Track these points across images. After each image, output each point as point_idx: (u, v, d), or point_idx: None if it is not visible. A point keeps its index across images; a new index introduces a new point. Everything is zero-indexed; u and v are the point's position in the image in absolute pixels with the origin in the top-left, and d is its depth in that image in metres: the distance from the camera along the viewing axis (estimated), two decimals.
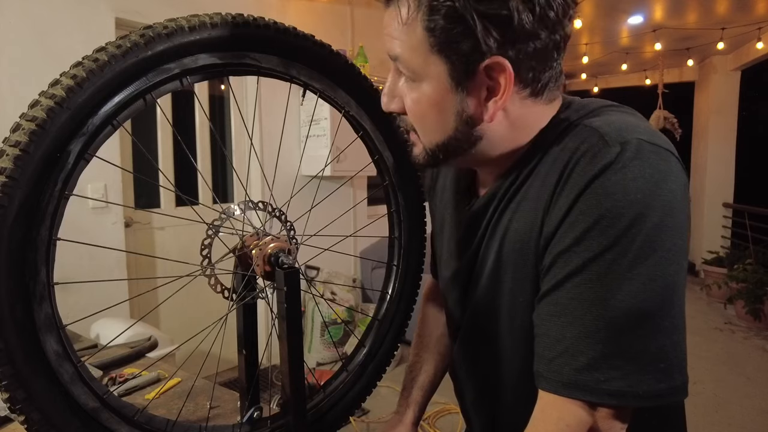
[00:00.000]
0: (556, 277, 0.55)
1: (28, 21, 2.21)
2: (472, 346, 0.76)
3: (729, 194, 5.54)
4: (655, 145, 0.53)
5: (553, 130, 0.60)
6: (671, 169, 0.52)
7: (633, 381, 0.51)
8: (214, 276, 0.68)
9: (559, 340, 0.54)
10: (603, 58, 5.22)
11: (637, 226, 0.50)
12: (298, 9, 3.35)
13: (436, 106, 0.59)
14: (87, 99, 0.52)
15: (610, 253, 0.50)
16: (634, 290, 0.50)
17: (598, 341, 0.51)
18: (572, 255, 0.53)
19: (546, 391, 0.56)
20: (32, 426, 0.52)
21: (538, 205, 0.58)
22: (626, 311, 0.50)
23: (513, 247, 0.62)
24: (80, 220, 2.40)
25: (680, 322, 0.53)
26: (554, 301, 0.55)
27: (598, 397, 0.52)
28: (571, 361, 0.53)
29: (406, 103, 0.61)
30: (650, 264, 0.50)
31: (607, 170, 0.51)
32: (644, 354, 0.51)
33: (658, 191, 0.50)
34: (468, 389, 0.81)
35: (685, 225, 0.52)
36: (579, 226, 0.52)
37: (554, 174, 0.56)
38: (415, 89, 0.59)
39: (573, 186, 0.53)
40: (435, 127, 0.60)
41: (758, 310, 3.96)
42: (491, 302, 0.67)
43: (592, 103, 0.63)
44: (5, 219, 0.48)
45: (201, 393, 1.04)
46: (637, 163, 0.51)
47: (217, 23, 0.60)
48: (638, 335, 0.51)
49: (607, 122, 0.56)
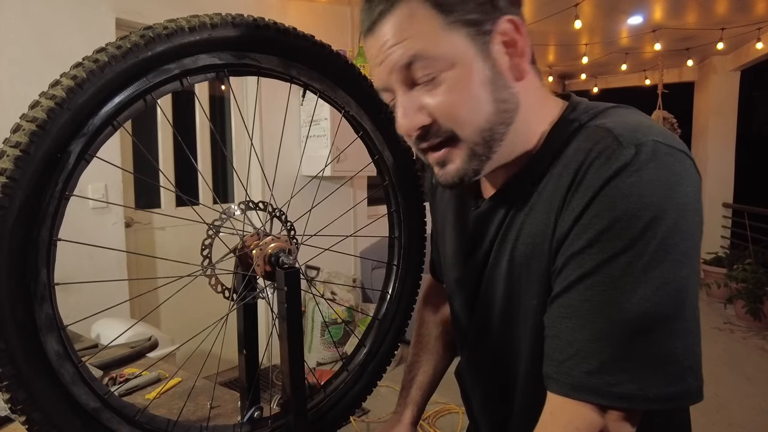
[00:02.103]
0: (569, 278, 0.54)
1: (28, 21, 2.21)
2: (481, 350, 0.75)
3: (729, 194, 5.54)
4: (670, 146, 0.52)
5: (564, 131, 0.60)
6: (686, 171, 0.52)
7: (644, 384, 0.50)
8: (215, 276, 0.68)
9: (570, 342, 0.54)
10: (603, 58, 5.21)
11: (652, 229, 0.49)
12: (298, 9, 3.35)
13: (469, 84, 0.56)
14: (87, 100, 0.52)
15: (625, 255, 0.50)
16: (647, 293, 0.50)
17: (610, 344, 0.51)
18: (585, 257, 0.53)
19: (555, 393, 0.55)
20: (33, 426, 0.52)
21: (551, 207, 0.58)
22: (639, 314, 0.50)
23: (526, 249, 0.61)
24: (81, 221, 2.40)
25: (693, 325, 0.52)
26: (566, 302, 0.55)
27: (609, 400, 0.51)
28: (582, 364, 0.52)
29: (434, 105, 0.57)
30: (665, 267, 0.50)
31: (622, 172, 0.51)
32: (655, 357, 0.50)
33: (673, 194, 0.50)
34: (476, 393, 0.80)
35: (698, 227, 0.52)
36: (593, 228, 0.52)
37: (568, 175, 0.56)
38: (441, 82, 0.56)
39: (587, 187, 0.53)
40: (475, 107, 0.57)
41: (758, 309, 3.96)
42: (503, 305, 0.67)
43: (601, 104, 0.62)
44: (6, 220, 0.48)
45: (201, 393, 1.04)
46: (652, 165, 0.50)
47: (217, 24, 0.60)
48: (650, 338, 0.50)
49: (620, 123, 0.55)
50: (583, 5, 3.56)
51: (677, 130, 4.74)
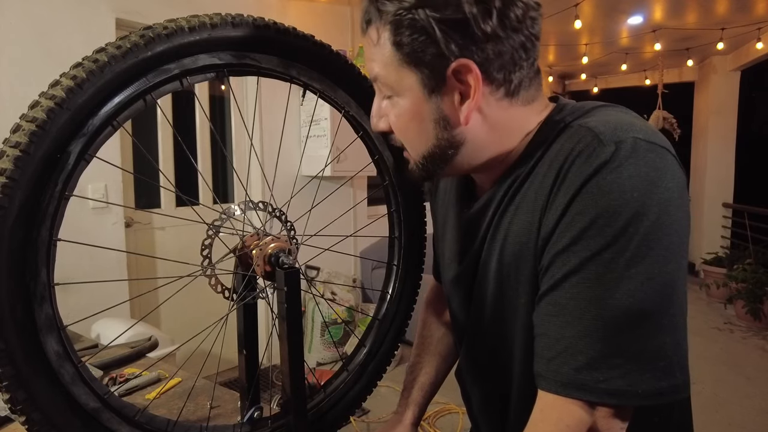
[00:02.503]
0: (554, 277, 0.55)
1: (28, 21, 2.21)
2: (478, 349, 0.76)
3: (729, 194, 5.54)
4: (650, 143, 0.52)
5: (549, 132, 0.60)
6: (668, 166, 0.52)
7: (632, 380, 0.51)
8: (215, 276, 0.68)
9: (558, 339, 0.54)
10: (603, 58, 5.22)
11: (634, 224, 0.50)
12: (298, 9, 3.35)
13: (415, 118, 0.61)
14: (87, 100, 0.52)
15: (608, 252, 0.50)
16: (632, 289, 0.50)
17: (597, 340, 0.51)
18: (570, 255, 0.53)
19: (545, 391, 0.56)
20: (33, 426, 0.52)
21: (535, 207, 0.58)
22: (625, 310, 0.50)
23: (513, 249, 0.62)
24: (81, 221, 2.40)
25: (680, 321, 0.53)
26: (553, 300, 0.55)
27: (598, 396, 0.52)
28: (570, 361, 0.53)
29: (390, 120, 0.64)
30: (648, 262, 0.50)
31: (602, 169, 0.51)
32: (643, 353, 0.51)
33: (654, 189, 0.50)
34: (475, 393, 0.81)
35: (683, 222, 0.52)
36: (576, 225, 0.52)
37: (551, 175, 0.56)
38: (395, 105, 0.62)
39: (569, 186, 0.53)
40: (418, 137, 0.63)
41: (758, 309, 3.96)
42: (495, 305, 0.67)
43: (587, 104, 0.63)
44: (6, 220, 0.48)
45: (201, 393, 1.04)
46: (632, 161, 0.51)
47: (217, 24, 0.60)
48: (637, 334, 0.51)
49: (602, 122, 0.56)
50: (583, 5, 3.56)
51: (677, 130, 4.74)
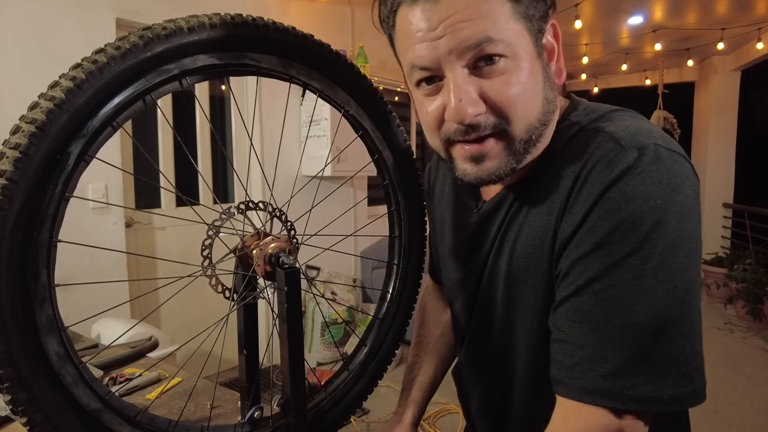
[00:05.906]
0: (576, 282, 0.54)
1: (28, 22, 2.21)
2: (480, 351, 0.75)
3: (729, 194, 5.54)
4: (670, 150, 0.53)
5: (564, 133, 0.60)
6: (686, 174, 0.52)
7: (658, 386, 0.50)
8: (215, 276, 0.68)
9: (581, 346, 0.53)
10: (603, 58, 5.21)
11: (657, 231, 0.50)
12: (298, 9, 3.35)
13: (528, 79, 0.55)
14: (86, 101, 0.52)
15: (633, 258, 0.50)
16: (658, 296, 0.50)
17: (624, 347, 0.51)
18: (592, 260, 0.52)
19: (567, 398, 0.55)
20: (34, 427, 0.52)
21: (551, 210, 0.58)
22: (652, 317, 0.50)
23: (525, 251, 0.61)
24: (81, 221, 2.40)
25: (698, 326, 0.53)
26: (574, 307, 0.54)
27: (624, 403, 0.51)
28: (595, 368, 0.52)
29: (495, 95, 0.54)
30: (672, 269, 0.50)
31: (626, 175, 0.51)
32: (667, 359, 0.50)
33: (675, 196, 0.50)
34: (474, 395, 0.80)
35: (698, 229, 0.52)
36: (598, 231, 0.52)
37: (568, 178, 0.56)
38: (505, 71, 0.54)
39: (590, 190, 0.53)
40: (531, 103, 0.56)
41: (758, 310, 3.96)
42: (502, 308, 0.67)
43: (601, 107, 0.62)
44: (6, 221, 0.48)
45: (202, 393, 1.04)
46: (655, 168, 0.51)
47: (217, 24, 0.60)
48: (661, 340, 0.50)
49: (621, 127, 0.55)
50: (583, 5, 3.55)
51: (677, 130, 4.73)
